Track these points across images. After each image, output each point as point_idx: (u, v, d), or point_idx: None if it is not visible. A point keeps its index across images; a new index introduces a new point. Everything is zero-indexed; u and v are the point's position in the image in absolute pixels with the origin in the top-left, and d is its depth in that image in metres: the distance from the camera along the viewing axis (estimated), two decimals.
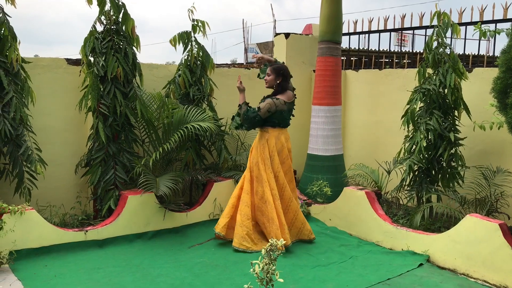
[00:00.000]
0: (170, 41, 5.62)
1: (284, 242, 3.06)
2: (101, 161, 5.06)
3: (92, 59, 5.02)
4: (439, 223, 5.09)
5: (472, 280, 4.09)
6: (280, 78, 4.90)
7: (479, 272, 4.07)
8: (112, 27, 5.00)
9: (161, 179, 4.97)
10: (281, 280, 2.97)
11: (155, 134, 5.41)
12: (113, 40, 4.94)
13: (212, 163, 6.19)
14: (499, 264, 3.92)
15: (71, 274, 4.05)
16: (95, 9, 5.80)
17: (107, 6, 4.95)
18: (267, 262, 2.97)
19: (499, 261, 3.92)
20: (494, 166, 5.12)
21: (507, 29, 4.90)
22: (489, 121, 4.86)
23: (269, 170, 4.82)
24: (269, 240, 2.97)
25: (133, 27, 4.98)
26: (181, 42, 5.66)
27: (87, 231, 4.64)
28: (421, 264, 4.38)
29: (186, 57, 5.73)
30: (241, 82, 4.93)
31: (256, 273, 2.93)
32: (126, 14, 4.96)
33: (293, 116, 5.04)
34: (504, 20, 5.28)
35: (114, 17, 4.99)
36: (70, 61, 5.36)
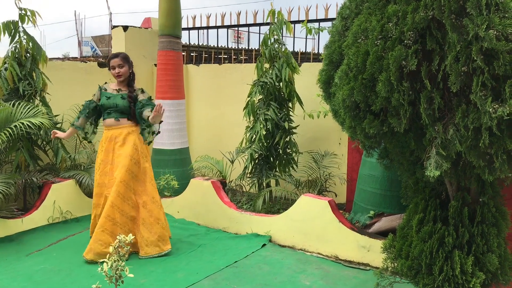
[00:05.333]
0: None
1: (133, 237, 3.03)
2: None
3: None
4: (278, 205, 5.52)
5: (309, 253, 4.54)
6: (132, 67, 4.72)
7: (314, 246, 4.54)
8: None
9: None
10: (131, 275, 2.94)
11: None
12: None
13: (48, 163, 5.76)
14: (330, 236, 4.42)
15: None
16: None
17: None
18: (115, 259, 2.91)
19: (330, 234, 4.42)
20: (322, 150, 5.73)
21: (328, 27, 5.52)
22: (317, 111, 5.43)
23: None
24: (118, 237, 2.92)
25: None
26: (6, 33, 5.14)
27: None
28: (264, 245, 4.71)
29: (13, 49, 5.22)
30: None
31: (104, 272, 2.85)
32: None
33: None
34: (326, 19, 5.91)
35: None
36: None
